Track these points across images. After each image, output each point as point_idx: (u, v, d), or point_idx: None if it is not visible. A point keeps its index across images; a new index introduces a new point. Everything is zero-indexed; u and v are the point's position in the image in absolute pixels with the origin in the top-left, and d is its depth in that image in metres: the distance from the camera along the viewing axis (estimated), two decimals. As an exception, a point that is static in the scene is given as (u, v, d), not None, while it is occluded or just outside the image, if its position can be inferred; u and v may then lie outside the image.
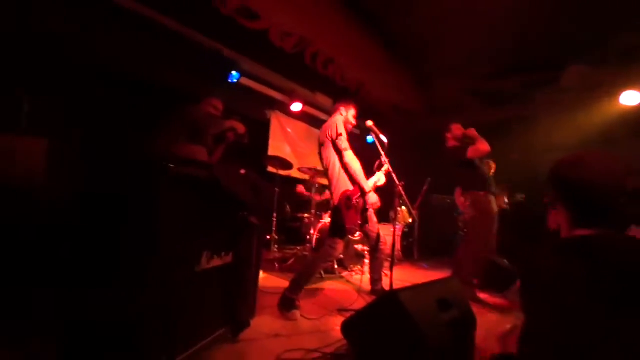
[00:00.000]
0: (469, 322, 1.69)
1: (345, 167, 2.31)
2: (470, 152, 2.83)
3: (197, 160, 1.87)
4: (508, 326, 2.19)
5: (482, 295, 2.82)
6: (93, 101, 2.91)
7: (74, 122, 2.84)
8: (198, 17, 3.45)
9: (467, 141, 2.97)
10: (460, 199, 3.08)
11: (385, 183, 2.52)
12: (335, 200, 2.29)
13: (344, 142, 2.28)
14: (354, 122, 2.53)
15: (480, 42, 4.75)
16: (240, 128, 2.38)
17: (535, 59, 5.09)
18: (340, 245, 2.30)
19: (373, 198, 2.29)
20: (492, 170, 3.83)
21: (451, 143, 3.10)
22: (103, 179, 1.39)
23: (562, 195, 0.93)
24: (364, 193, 2.31)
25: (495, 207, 2.89)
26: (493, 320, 2.32)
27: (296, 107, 4.85)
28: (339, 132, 2.27)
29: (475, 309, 1.84)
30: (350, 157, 2.28)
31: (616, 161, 0.87)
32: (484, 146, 2.78)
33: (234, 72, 4.06)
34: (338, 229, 2.27)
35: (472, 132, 2.90)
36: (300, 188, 4.36)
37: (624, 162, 0.86)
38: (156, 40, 3.37)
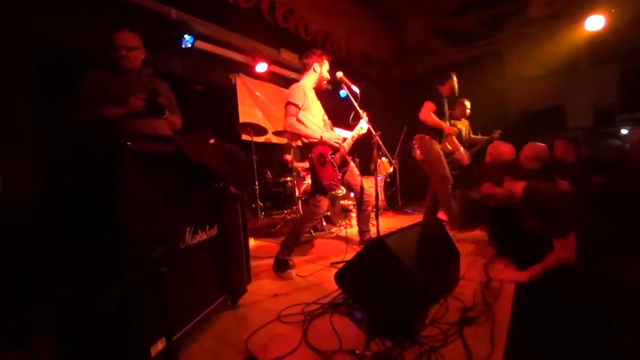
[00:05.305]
0: (451, 254, 1.80)
1: (294, 132, 2.31)
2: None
3: (160, 134, 1.74)
4: (488, 255, 2.36)
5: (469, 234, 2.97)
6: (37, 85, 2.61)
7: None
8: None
9: None
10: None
11: (367, 131, 2.48)
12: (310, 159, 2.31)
13: (290, 109, 2.26)
14: (328, 76, 2.48)
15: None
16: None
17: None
18: (323, 203, 2.33)
19: (331, 135, 2.32)
20: (468, 109, 3.86)
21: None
22: (66, 168, 1.30)
23: None
24: (335, 149, 2.32)
25: (438, 148, 3.12)
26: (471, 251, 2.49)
27: (261, 67, 4.55)
28: (289, 100, 2.26)
29: (459, 244, 1.96)
30: (292, 123, 2.25)
31: None
32: None
33: (187, 36, 3.67)
34: (317, 187, 2.32)
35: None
36: (287, 157, 4.27)
37: None
38: (95, 11, 2.96)
